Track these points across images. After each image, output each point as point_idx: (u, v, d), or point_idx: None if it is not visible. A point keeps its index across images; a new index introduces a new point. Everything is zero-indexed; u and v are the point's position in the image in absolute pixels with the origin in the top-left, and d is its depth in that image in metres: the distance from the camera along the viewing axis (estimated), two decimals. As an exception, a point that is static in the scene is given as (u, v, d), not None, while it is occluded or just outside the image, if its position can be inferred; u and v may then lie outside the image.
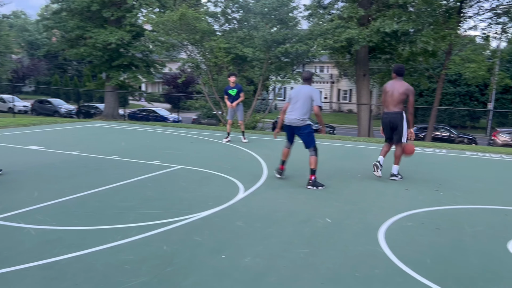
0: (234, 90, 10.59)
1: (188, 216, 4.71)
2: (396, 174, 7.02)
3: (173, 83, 47.33)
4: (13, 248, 3.69)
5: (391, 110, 6.93)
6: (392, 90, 6.92)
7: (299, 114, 6.42)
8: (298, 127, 6.47)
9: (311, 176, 6.35)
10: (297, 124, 6.45)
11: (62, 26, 27.24)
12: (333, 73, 50.03)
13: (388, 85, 7.04)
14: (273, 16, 16.61)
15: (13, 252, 3.61)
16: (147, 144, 10.11)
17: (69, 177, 6.35)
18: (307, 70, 6.97)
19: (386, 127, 7.07)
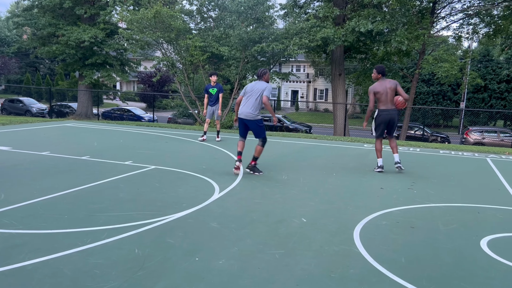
0: (214, 89, 10.56)
1: (161, 218, 4.61)
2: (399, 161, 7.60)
3: (148, 82, 46.77)
4: (-24, 254, 3.53)
5: (390, 107, 7.37)
6: (385, 90, 7.36)
7: (252, 108, 6.85)
8: (249, 120, 6.89)
9: (252, 161, 7.02)
10: (249, 117, 6.88)
11: (34, 24, 26.56)
12: (310, 72, 50.33)
13: (378, 86, 7.43)
14: (249, 15, 16.56)
15: (-25, 258, 3.45)
16: (120, 144, 9.91)
17: (38, 179, 6.14)
18: (263, 68, 7.33)
19: (384, 123, 7.42)
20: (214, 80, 10.59)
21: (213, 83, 10.61)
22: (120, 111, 31.04)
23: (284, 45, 15.56)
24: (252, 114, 6.86)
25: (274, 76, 16.67)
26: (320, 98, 51.52)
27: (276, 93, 51.36)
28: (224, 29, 17.07)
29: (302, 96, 51.65)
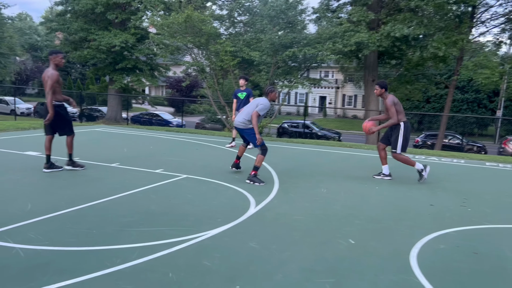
0: (244, 93, 10.15)
1: (196, 235, 4.24)
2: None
3: (176, 86, 47.04)
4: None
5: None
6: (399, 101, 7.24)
7: (242, 117, 6.92)
8: (241, 129, 6.98)
9: (252, 171, 6.74)
10: (239, 126, 6.98)
11: (66, 28, 26.92)
12: (338, 78, 49.58)
13: (395, 98, 7.16)
14: (280, 19, 16.21)
15: (-3, 280, 3.15)
16: (150, 150, 9.67)
17: (67, 187, 5.89)
18: (271, 86, 7.13)
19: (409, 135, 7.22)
20: (242, 84, 10.22)
21: (242, 87, 10.24)
22: (148, 115, 31.17)
23: (317, 50, 15.13)
24: (240, 123, 6.92)
25: (305, 82, 16.24)
26: (348, 105, 50.68)
27: (303, 99, 50.83)
28: (255, 34, 16.78)
29: (330, 102, 50.92)
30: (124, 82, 28.05)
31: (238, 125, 6.99)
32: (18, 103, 33.44)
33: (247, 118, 6.86)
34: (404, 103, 35.46)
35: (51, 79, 6.51)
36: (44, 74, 6.62)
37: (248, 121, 6.85)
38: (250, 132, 6.89)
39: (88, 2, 25.16)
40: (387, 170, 7.44)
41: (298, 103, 50.78)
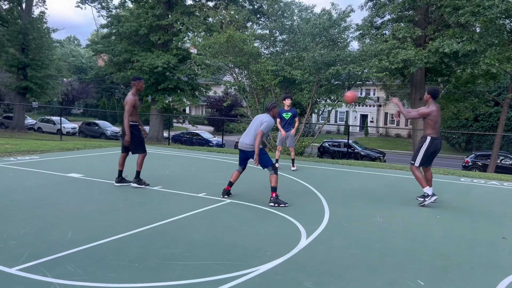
0: (289, 113, 9.80)
1: (245, 271, 3.86)
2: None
3: (216, 106, 47.39)
4: (33, 316, 2.96)
5: (439, 135, 6.70)
6: (438, 115, 6.61)
7: (250, 139, 6.55)
8: (248, 151, 6.61)
9: (272, 193, 6.45)
10: (247, 148, 6.60)
11: (111, 50, 27.69)
12: (380, 96, 48.53)
13: (435, 109, 6.56)
14: (323, 37, 15.87)
15: (32, 322, 2.87)
16: (192, 172, 9.43)
17: (109, 213, 5.67)
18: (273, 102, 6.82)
19: (434, 153, 6.75)
20: (288, 104, 9.87)
21: (287, 107, 9.89)
22: (189, 134, 31.39)
23: (362, 68, 14.64)
24: (249, 146, 6.55)
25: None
26: (391, 123, 49.37)
27: (344, 117, 49.99)
28: (297, 52, 16.50)
29: (372, 121, 49.80)
30: (166, 102, 28.44)
31: (246, 148, 6.58)
32: (64, 123, 34.53)
33: (253, 140, 6.52)
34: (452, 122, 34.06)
35: (129, 104, 7.16)
36: (126, 98, 7.27)
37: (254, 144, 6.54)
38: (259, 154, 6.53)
39: (132, 24, 25.82)
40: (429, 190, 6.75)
41: (338, 121, 49.96)
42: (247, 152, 6.65)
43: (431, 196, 6.68)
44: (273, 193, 6.47)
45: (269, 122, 6.57)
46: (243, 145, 6.63)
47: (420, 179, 6.74)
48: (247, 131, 6.70)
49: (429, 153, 6.67)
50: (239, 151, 6.85)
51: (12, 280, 3.51)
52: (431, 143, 6.61)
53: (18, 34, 30.71)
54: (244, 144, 6.62)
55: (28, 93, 32.64)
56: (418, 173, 6.77)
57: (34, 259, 3.95)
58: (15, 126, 32.57)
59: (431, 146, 6.62)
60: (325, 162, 12.51)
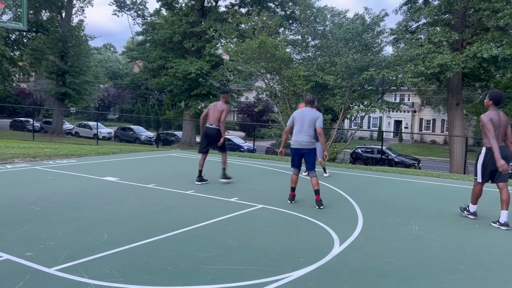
0: None
1: (277, 277, 3.83)
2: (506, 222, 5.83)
3: (248, 111, 47.58)
4: (70, 315, 3.03)
5: (501, 144, 5.86)
6: (498, 122, 5.84)
7: (308, 136, 6.60)
8: (306, 149, 6.61)
9: (316, 196, 6.59)
10: (307, 146, 6.61)
11: (146, 57, 28.30)
12: (415, 101, 47.53)
13: (494, 116, 5.85)
14: (356, 42, 15.70)
15: (69, 322, 2.94)
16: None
17: (143, 216, 5.77)
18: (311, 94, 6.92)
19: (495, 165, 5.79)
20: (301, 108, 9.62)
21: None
22: (221, 140, 31.55)
23: (397, 73, 14.38)
24: (308, 142, 6.62)
25: (383, 106, 15.47)
26: (426, 129, 48.23)
27: (377, 123, 49.20)
28: (330, 57, 16.38)
29: (407, 127, 48.80)
30: (199, 107, 28.80)
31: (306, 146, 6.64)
32: (100, 128, 35.46)
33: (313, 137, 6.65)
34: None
35: (226, 111, 8.35)
36: (219, 106, 8.37)
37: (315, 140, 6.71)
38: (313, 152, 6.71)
39: (167, 31, 26.32)
40: (504, 217, 5.84)
41: (371, 127, 49.22)
42: (304, 151, 6.64)
43: (471, 213, 6.27)
44: (318, 196, 6.60)
45: (321, 116, 6.67)
46: (303, 143, 6.60)
47: (473, 195, 6.19)
48: (300, 129, 6.65)
49: (486, 166, 5.91)
50: (293, 152, 6.73)
51: (51, 280, 3.61)
52: (486, 154, 5.90)
53: (58, 42, 31.87)
54: (303, 142, 6.61)
55: (67, 98, 33.78)
56: (475, 188, 6.15)
57: (71, 260, 4.06)
58: (54, 130, 33.73)
59: (487, 157, 5.88)
60: (358, 168, 12.33)
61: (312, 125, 6.61)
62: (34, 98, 52.99)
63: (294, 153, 6.75)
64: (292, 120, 6.80)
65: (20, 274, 3.70)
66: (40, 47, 32.57)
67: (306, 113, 6.70)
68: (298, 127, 6.69)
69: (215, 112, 8.33)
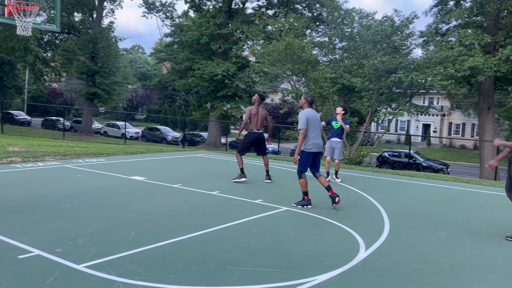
0: (339, 123, 9.40)
1: (302, 281, 3.81)
2: None
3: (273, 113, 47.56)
4: (98, 311, 3.09)
5: None
6: None
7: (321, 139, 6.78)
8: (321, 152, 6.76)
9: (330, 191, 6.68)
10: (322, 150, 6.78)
11: (173, 58, 28.66)
12: (444, 105, 46.54)
13: None
14: (385, 44, 15.49)
15: (97, 318, 3.00)
16: (249, 178, 9.48)
17: (169, 216, 5.84)
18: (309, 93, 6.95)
19: None
20: (339, 112, 9.40)
21: (339, 117, 9.42)
22: (245, 141, 31.61)
23: (426, 75, 14.11)
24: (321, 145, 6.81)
25: (411, 109, 15.21)
26: (456, 133, 47.16)
27: (405, 126, 48.40)
28: (357, 60, 16.21)
29: (435, 131, 47.83)
30: (224, 109, 28.97)
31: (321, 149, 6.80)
32: (128, 128, 36.09)
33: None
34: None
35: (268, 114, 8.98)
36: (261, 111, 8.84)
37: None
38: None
39: (194, 33, 26.59)
40: None
41: (399, 130, 48.45)
42: (320, 154, 6.80)
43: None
44: (332, 191, 6.72)
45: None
46: (321, 146, 6.75)
47: None
48: (317, 132, 6.70)
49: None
50: (310, 156, 6.67)
51: (80, 276, 3.69)
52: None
53: (88, 43, 32.63)
54: (321, 145, 6.77)
55: (96, 98, 34.52)
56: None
57: (99, 257, 4.14)
58: (83, 130, 34.51)
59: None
60: (385, 172, 12.15)
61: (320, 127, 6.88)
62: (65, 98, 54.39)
63: (311, 157, 6.70)
64: (307, 123, 6.58)
65: (50, 269, 3.80)
66: (71, 48, 33.41)
67: (316, 115, 6.81)
68: (316, 129, 6.68)
69: (259, 118, 8.69)
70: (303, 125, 6.59)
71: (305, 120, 6.58)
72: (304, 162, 6.70)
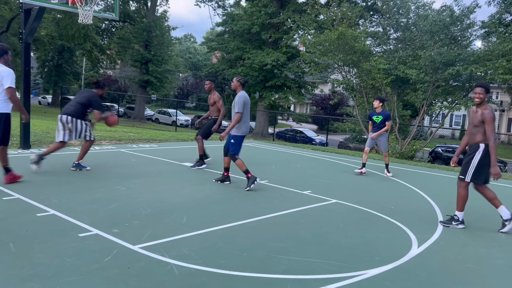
0: (380, 117, 8.98)
1: (352, 273, 3.78)
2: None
3: (321, 104, 47.03)
4: (153, 291, 3.21)
5: None
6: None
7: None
8: None
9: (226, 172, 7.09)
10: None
11: (224, 48, 28.90)
12: (504, 99, 44.13)
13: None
14: (443, 35, 14.86)
15: (152, 297, 3.12)
16: (297, 169, 9.48)
17: (220, 202, 5.94)
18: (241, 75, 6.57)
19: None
20: (377, 106, 9.05)
21: (378, 109, 9.13)
22: (293, 132, 31.59)
23: (486, 68, 13.43)
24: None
25: (469, 103, 14.54)
26: (515, 130, 44.65)
27: (460, 121, 46.42)
28: (413, 51, 15.67)
29: (492, 127, 45.49)
30: (272, 99, 28.95)
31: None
32: (179, 115, 36.88)
33: None
34: None
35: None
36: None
37: None
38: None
39: (245, 23, 26.65)
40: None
41: (453, 125, 46.54)
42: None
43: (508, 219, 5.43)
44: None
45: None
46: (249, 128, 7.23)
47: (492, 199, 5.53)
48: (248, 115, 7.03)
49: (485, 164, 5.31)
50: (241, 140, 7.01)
51: (135, 256, 3.85)
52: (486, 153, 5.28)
53: (143, 32, 33.52)
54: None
55: (149, 86, 35.49)
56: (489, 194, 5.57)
57: (153, 239, 4.28)
58: (136, 116, 35.63)
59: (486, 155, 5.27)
60: (439, 168, 11.74)
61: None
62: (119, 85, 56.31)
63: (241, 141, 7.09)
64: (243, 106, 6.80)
65: (108, 248, 3.98)
66: (126, 36, 34.46)
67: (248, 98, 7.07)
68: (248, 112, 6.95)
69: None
70: (240, 109, 6.68)
71: (242, 103, 6.70)
72: (238, 145, 6.87)
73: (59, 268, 3.49)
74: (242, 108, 6.71)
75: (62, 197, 5.62)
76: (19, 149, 9.25)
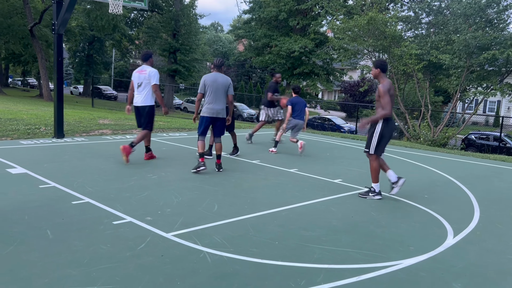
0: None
1: (386, 264, 3.71)
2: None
3: (350, 91, 46.33)
4: (186, 278, 3.24)
5: None
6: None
7: (224, 104, 6.85)
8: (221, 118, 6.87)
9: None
10: (222, 115, 6.85)
11: (251, 35, 28.72)
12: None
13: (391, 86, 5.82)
14: (478, 18, 14.32)
15: (186, 285, 3.15)
16: (327, 157, 9.38)
17: (250, 191, 5.94)
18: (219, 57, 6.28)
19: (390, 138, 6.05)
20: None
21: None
22: (321, 119, 31.29)
23: (524, 52, 12.89)
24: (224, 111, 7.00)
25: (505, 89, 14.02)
26: (554, 116, 42.89)
27: (494, 107, 44.91)
28: (446, 35, 15.18)
29: (527, 113, 43.85)
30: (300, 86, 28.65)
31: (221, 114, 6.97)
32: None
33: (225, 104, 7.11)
34: None
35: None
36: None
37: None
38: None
39: (273, 9, 26.37)
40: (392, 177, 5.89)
41: (487, 111, 45.09)
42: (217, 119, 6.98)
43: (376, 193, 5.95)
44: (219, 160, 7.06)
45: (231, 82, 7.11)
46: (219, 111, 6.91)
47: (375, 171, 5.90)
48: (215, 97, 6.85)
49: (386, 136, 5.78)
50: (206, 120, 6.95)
51: (169, 244, 3.89)
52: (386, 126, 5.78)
53: (171, 21, 33.67)
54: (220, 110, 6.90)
55: (177, 75, 35.73)
56: (375, 165, 5.95)
57: (186, 227, 4.32)
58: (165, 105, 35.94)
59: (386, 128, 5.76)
60: (473, 156, 11.40)
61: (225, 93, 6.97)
62: (148, 74, 57.00)
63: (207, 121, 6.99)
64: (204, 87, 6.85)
65: (141, 236, 4.04)
66: (154, 25, 34.69)
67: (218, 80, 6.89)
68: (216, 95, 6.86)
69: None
70: (200, 90, 6.81)
71: (202, 84, 6.81)
72: (199, 125, 6.92)
73: (95, 255, 3.56)
74: (201, 89, 6.84)
75: (96, 185, 5.74)
76: (54, 137, 9.49)
